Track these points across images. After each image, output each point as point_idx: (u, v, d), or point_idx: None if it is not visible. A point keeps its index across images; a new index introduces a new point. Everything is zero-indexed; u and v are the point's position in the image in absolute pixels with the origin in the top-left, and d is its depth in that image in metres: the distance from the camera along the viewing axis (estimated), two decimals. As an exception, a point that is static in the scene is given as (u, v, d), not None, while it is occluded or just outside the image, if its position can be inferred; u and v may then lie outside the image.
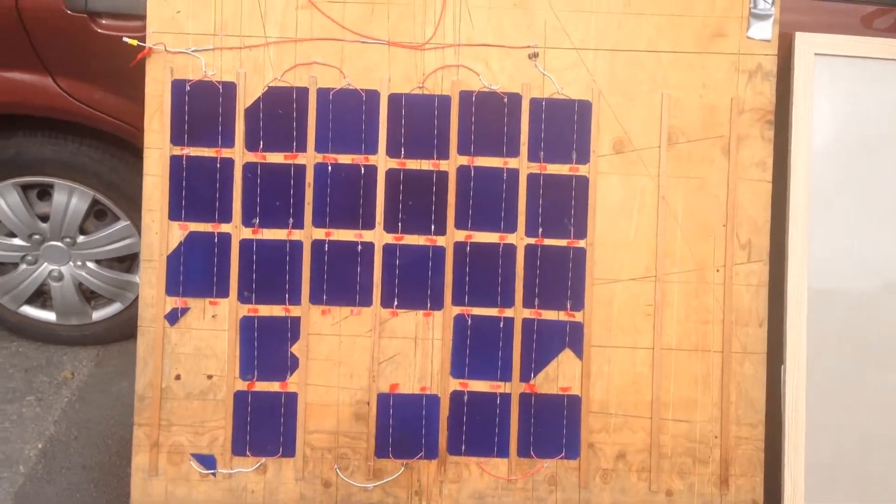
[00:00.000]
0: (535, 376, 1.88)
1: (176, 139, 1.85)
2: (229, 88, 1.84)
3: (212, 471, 1.86)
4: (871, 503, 1.89)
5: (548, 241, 1.87)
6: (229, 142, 1.85)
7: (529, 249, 1.87)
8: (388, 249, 1.87)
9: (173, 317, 1.86)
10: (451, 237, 1.87)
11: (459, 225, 1.87)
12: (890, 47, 1.91)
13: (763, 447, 1.89)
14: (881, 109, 1.92)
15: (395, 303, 1.87)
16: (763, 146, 1.89)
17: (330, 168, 1.86)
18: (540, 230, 1.87)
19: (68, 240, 2.37)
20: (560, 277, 1.88)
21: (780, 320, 1.89)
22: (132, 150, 2.18)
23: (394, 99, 1.86)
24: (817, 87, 1.91)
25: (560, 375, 1.88)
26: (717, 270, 1.89)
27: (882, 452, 1.90)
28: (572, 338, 1.88)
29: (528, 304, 1.87)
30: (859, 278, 1.91)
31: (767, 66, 1.88)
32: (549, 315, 1.88)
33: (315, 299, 1.86)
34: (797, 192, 1.90)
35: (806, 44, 1.91)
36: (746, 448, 1.89)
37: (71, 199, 2.30)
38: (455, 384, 1.88)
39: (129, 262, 2.47)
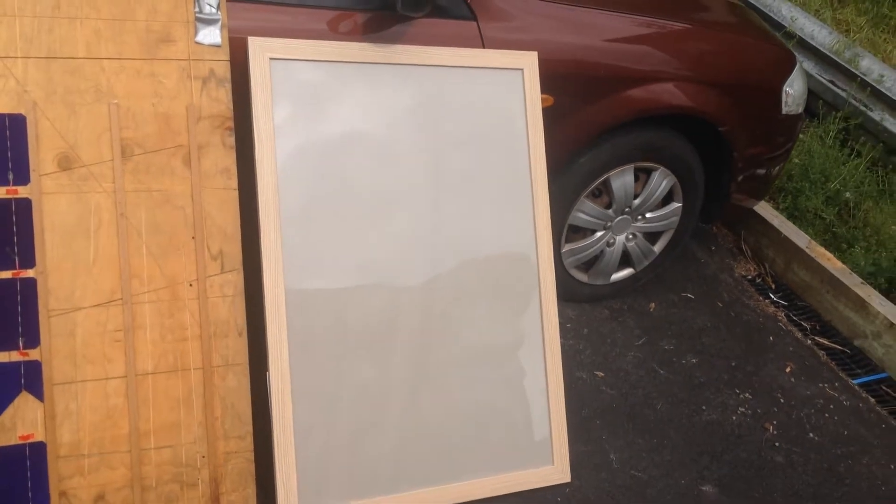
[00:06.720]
0: (-12, 428, 1.67)
1: None
2: None
3: None
4: (364, 492, 1.96)
5: (-13, 275, 1.67)
6: None
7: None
8: None
9: None
10: None
11: None
12: (342, 50, 1.97)
13: (253, 457, 1.87)
14: (344, 109, 1.98)
15: None
16: (226, 153, 1.85)
17: None
18: (-25, 263, 1.66)
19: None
20: (8, 313, 1.68)
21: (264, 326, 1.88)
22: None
23: None
24: (280, 91, 1.91)
25: (18, 423, 1.69)
26: (190, 285, 1.82)
27: (371, 441, 1.97)
28: (29, 379, 1.69)
29: (-31, 348, 1.66)
30: (336, 276, 1.96)
31: (221, 72, 1.84)
32: (-1, 357, 1.68)
33: None
34: (266, 196, 1.89)
35: (260, 48, 1.90)
36: (237, 462, 1.85)
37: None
38: None
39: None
